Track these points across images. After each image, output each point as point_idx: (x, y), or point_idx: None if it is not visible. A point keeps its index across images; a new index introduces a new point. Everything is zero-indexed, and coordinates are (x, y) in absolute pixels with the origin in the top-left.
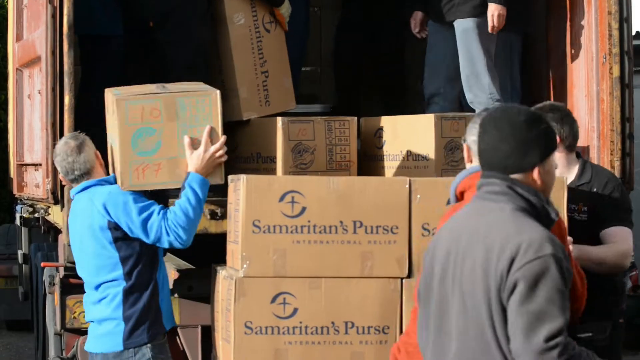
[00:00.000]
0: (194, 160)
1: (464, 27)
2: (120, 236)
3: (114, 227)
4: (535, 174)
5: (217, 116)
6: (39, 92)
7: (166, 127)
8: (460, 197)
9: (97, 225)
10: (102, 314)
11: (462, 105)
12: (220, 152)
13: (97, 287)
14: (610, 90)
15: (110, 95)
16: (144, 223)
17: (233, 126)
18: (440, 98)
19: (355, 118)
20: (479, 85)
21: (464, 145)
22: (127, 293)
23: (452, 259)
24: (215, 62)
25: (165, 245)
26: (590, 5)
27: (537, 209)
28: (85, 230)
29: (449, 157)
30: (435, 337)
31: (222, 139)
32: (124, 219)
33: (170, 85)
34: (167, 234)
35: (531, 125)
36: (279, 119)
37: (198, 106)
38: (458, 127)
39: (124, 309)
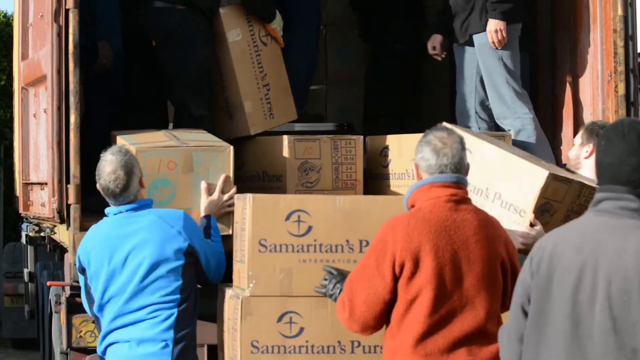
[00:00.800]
0: (209, 206)
1: (479, 42)
2: (192, 262)
3: (191, 253)
4: None
5: (230, 170)
6: (45, 111)
7: (181, 179)
8: (411, 208)
9: (173, 248)
10: (147, 334)
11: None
12: (232, 202)
13: (143, 307)
14: (615, 108)
15: (123, 142)
16: (219, 257)
17: (239, 144)
18: (473, 120)
19: (362, 137)
20: (501, 101)
21: (413, 164)
22: (180, 316)
23: (589, 277)
24: (218, 80)
25: (217, 279)
26: (596, 23)
27: None
28: (146, 248)
29: None
30: (567, 352)
31: (234, 188)
32: (202, 248)
33: (182, 135)
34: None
35: None
36: (285, 137)
37: (212, 161)
38: None
39: (176, 331)
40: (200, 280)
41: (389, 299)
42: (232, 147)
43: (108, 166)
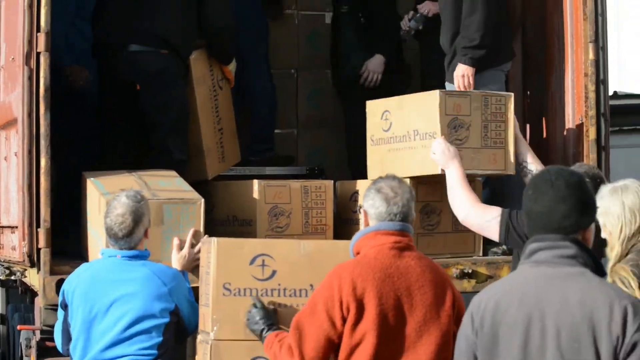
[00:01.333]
0: (180, 260)
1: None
2: (175, 321)
3: (176, 313)
4: (589, 232)
5: (200, 222)
6: (15, 154)
7: (152, 231)
8: (356, 255)
9: (160, 306)
10: None
11: None
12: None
13: (119, 357)
14: (587, 152)
15: (95, 191)
16: (197, 315)
17: (209, 187)
18: None
19: (332, 182)
20: None
21: (362, 210)
22: None
23: (537, 327)
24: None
25: (195, 331)
26: (567, 67)
27: (601, 268)
28: (134, 301)
29: (425, 222)
30: None
31: (204, 238)
32: (187, 309)
33: (153, 181)
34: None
35: (583, 183)
36: (256, 182)
37: (183, 213)
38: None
39: None
40: (181, 337)
41: (338, 344)
42: (203, 200)
43: (119, 208)
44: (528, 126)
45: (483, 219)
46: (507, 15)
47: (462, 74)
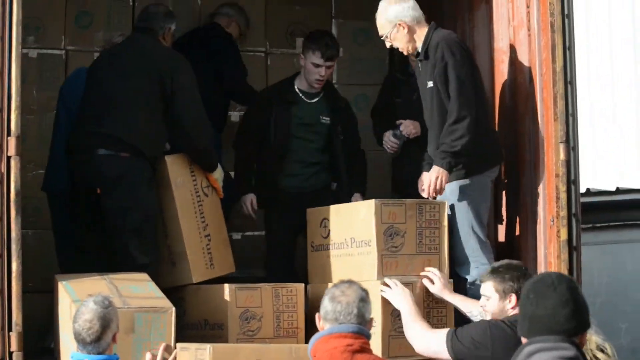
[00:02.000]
0: None
1: (449, 188)
2: None
3: None
4: (584, 335)
5: (171, 333)
6: None
7: (122, 339)
8: (314, 357)
9: None
10: None
11: None
12: None
13: None
14: (558, 253)
15: (66, 296)
16: None
17: (181, 292)
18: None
19: (303, 285)
20: (463, 247)
21: (317, 315)
22: None
23: None
24: (160, 227)
25: None
26: (538, 168)
27: None
28: None
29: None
30: None
31: (174, 353)
32: None
33: (124, 287)
34: None
35: (578, 288)
36: (227, 286)
37: (154, 322)
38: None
39: None
40: None
41: None
42: (174, 309)
43: (86, 313)
44: (500, 226)
45: (437, 346)
46: (492, 120)
47: (436, 176)
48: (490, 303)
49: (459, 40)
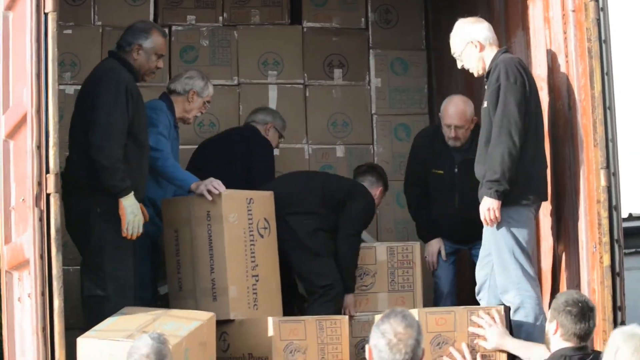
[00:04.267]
0: None
1: None
2: None
3: None
4: None
5: None
6: (29, 296)
7: None
8: None
9: None
10: None
11: None
12: None
13: None
14: (601, 279)
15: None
16: None
17: (225, 326)
18: (485, 292)
19: (347, 317)
20: (505, 274)
21: (367, 347)
22: None
23: None
24: (207, 261)
25: None
26: (579, 194)
27: None
28: None
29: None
30: None
31: None
32: None
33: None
34: None
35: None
36: (270, 319)
37: None
38: (445, 321)
39: None
40: None
41: None
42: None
43: (143, 348)
44: (542, 254)
45: None
46: (543, 155)
47: (487, 208)
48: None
49: (522, 64)
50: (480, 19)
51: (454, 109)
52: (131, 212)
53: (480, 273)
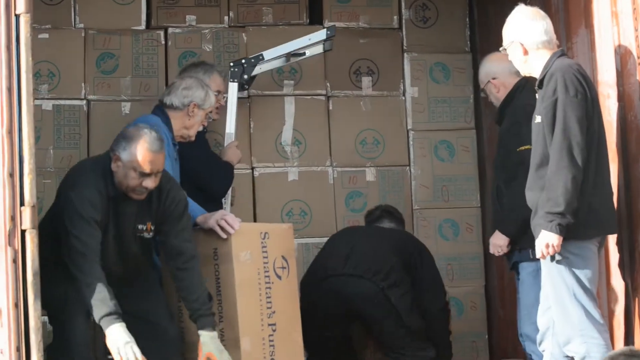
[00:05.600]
0: None
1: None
2: None
3: None
4: None
5: None
6: (1, 352)
7: None
8: None
9: None
10: None
11: None
12: None
13: None
14: None
15: None
16: None
17: None
18: (548, 341)
19: None
20: (567, 321)
21: None
22: None
23: None
24: (215, 309)
25: None
26: None
27: None
28: None
29: None
30: None
31: None
32: None
33: None
34: None
35: None
36: None
37: None
38: None
39: None
40: None
41: None
42: None
43: None
44: (610, 293)
45: None
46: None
47: (545, 244)
48: None
49: (581, 72)
50: (539, 15)
51: None
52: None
53: (542, 320)
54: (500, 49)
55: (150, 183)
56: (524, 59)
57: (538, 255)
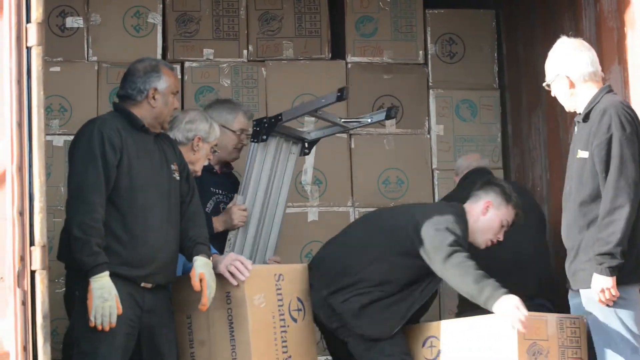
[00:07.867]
0: None
1: (586, 296)
2: None
3: None
4: None
5: None
6: None
7: None
8: None
9: None
10: None
11: None
12: None
13: None
14: None
15: None
16: None
17: None
18: None
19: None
20: None
21: None
22: None
23: None
24: (229, 354)
25: None
26: None
27: None
28: None
29: None
30: None
31: None
32: None
33: None
34: None
35: None
36: None
37: None
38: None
39: None
40: None
41: None
42: None
43: None
44: None
45: None
46: None
47: (601, 289)
48: None
49: (631, 110)
50: (584, 46)
51: None
52: (99, 297)
53: None
54: (544, 84)
55: (178, 103)
56: (570, 92)
57: (597, 300)
